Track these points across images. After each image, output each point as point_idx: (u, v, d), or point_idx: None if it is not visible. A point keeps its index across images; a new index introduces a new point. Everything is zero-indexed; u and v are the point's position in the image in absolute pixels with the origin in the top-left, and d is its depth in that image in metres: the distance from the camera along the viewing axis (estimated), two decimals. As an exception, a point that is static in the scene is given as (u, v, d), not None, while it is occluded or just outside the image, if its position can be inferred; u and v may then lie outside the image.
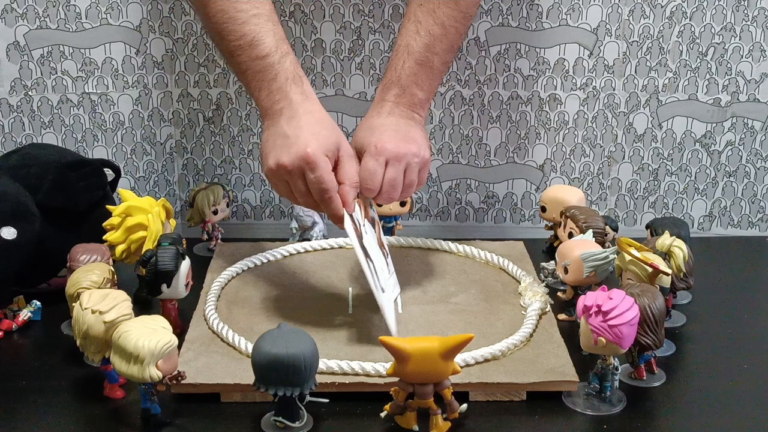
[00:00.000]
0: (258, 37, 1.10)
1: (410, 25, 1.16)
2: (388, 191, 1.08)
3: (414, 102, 1.15)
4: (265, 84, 1.10)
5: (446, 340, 0.89)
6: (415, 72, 1.14)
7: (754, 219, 1.49)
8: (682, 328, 1.16)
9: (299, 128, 1.06)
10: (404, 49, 1.15)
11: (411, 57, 1.14)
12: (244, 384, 0.96)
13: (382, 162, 1.07)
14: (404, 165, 1.08)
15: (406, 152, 1.08)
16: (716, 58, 1.40)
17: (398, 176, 1.08)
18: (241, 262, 1.26)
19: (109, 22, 1.38)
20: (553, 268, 1.20)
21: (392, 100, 1.14)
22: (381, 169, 1.07)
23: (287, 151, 1.04)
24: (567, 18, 1.39)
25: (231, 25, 1.11)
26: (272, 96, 1.09)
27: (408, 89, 1.14)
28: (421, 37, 1.15)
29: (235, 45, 1.10)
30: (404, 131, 1.11)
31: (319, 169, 1.03)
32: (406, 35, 1.16)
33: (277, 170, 1.05)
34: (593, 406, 0.98)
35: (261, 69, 1.10)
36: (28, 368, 1.05)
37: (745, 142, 1.44)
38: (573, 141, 1.46)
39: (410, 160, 1.08)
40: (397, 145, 1.08)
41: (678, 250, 1.09)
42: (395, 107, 1.14)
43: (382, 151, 1.07)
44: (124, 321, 0.92)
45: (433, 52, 1.15)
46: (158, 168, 1.47)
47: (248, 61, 1.10)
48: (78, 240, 1.11)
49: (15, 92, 1.38)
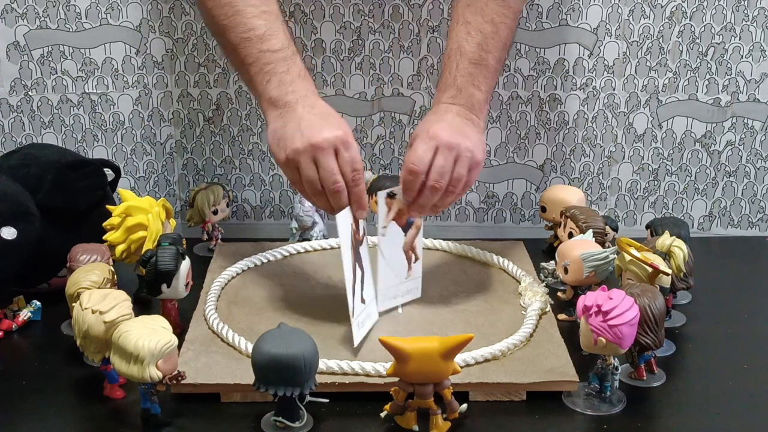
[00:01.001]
0: (269, 32, 1.10)
1: (460, 27, 1.15)
2: (435, 178, 1.05)
3: (472, 103, 1.12)
4: (277, 76, 1.09)
5: (446, 340, 0.89)
6: (470, 72, 1.13)
7: (754, 219, 1.49)
8: (682, 328, 1.16)
9: (325, 113, 1.07)
10: (456, 51, 1.13)
11: (464, 58, 1.13)
12: (244, 384, 0.96)
13: (432, 146, 1.04)
14: (455, 155, 1.05)
15: (458, 143, 1.05)
16: (716, 58, 1.40)
17: (447, 165, 1.05)
18: (241, 262, 1.26)
19: (109, 22, 1.38)
20: (553, 268, 1.21)
21: (449, 101, 1.12)
22: (430, 154, 1.04)
23: (318, 132, 1.02)
24: (567, 18, 1.39)
25: (240, 18, 1.10)
26: (284, 87, 1.08)
27: (465, 90, 1.12)
28: (472, 36, 1.13)
29: (243, 37, 1.10)
30: (460, 127, 1.09)
31: (353, 148, 1.03)
32: (457, 38, 1.14)
33: (308, 149, 1.02)
34: (593, 406, 0.98)
35: (272, 61, 1.09)
36: (28, 368, 1.05)
37: (745, 142, 1.44)
38: (573, 141, 1.46)
39: (462, 152, 1.05)
40: (451, 135, 1.05)
41: (678, 250, 1.09)
42: (452, 107, 1.12)
43: (434, 136, 1.05)
44: (124, 321, 0.92)
45: (487, 51, 1.14)
46: (158, 168, 1.47)
47: (257, 53, 1.09)
48: (78, 240, 1.12)
49: (15, 92, 1.38)
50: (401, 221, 1.12)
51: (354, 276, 1.05)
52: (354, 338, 1.03)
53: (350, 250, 1.05)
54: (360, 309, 1.06)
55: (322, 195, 1.04)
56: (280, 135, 1.06)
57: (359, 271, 1.07)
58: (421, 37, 1.40)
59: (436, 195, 1.06)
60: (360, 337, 1.05)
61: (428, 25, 1.39)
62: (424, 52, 1.40)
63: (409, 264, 1.15)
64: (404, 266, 1.15)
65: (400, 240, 1.13)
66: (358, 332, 1.05)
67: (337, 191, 1.02)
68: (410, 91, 1.43)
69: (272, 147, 1.08)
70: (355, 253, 1.07)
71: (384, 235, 1.10)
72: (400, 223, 1.12)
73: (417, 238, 1.15)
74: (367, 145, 1.45)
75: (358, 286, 1.06)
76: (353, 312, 1.04)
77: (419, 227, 1.15)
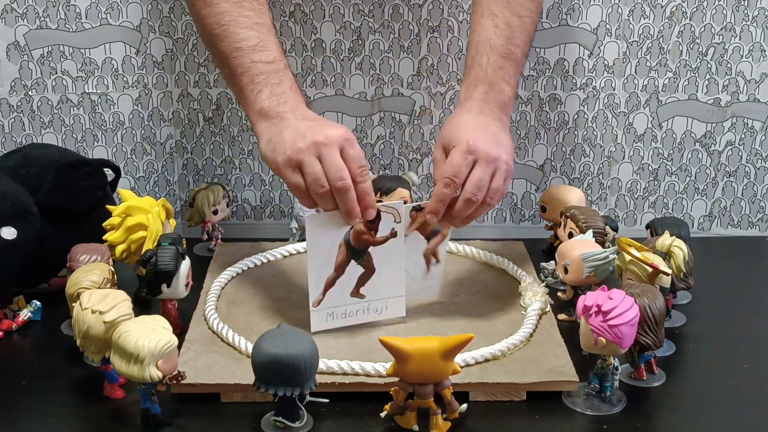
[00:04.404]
0: (262, 43, 1.10)
1: (487, 20, 1.13)
2: (473, 191, 1.02)
3: (503, 100, 1.12)
4: (268, 87, 1.09)
5: (446, 340, 0.89)
6: (501, 66, 1.12)
7: (754, 219, 1.49)
8: (682, 328, 1.16)
9: (320, 119, 1.07)
10: (485, 43, 1.12)
11: (494, 51, 1.12)
12: (244, 384, 0.96)
13: (471, 161, 1.02)
14: (493, 169, 1.03)
15: (497, 156, 1.03)
16: (716, 58, 1.40)
17: (485, 177, 1.02)
18: (241, 262, 1.26)
19: (109, 22, 1.38)
20: (553, 268, 1.21)
21: (481, 98, 1.11)
22: (467, 167, 1.02)
23: (321, 131, 1.00)
24: (567, 18, 1.39)
25: (233, 28, 1.10)
26: (276, 98, 1.08)
27: (496, 85, 1.11)
28: (500, 30, 1.12)
29: (235, 47, 1.10)
30: (495, 134, 1.06)
31: (358, 146, 1.01)
32: (484, 30, 1.13)
33: (312, 147, 0.99)
34: (593, 406, 0.98)
35: (265, 71, 1.09)
36: (28, 368, 1.05)
37: (745, 142, 1.44)
38: (573, 141, 1.46)
39: (500, 165, 1.03)
40: (490, 147, 1.03)
41: (678, 250, 1.09)
42: (485, 105, 1.10)
43: (473, 149, 1.02)
44: (124, 321, 0.92)
45: (515, 44, 1.13)
46: (158, 168, 1.47)
47: (248, 63, 1.09)
48: (78, 240, 1.12)
49: (15, 92, 1.38)
50: (425, 231, 1.10)
51: (339, 274, 1.06)
52: (312, 324, 1.06)
53: (337, 248, 1.05)
54: (342, 301, 1.07)
55: (326, 195, 1.00)
56: (276, 141, 1.04)
57: (358, 269, 1.07)
58: (421, 37, 1.40)
59: (471, 207, 1.04)
60: (320, 326, 1.07)
61: (428, 25, 1.39)
62: (424, 52, 1.40)
63: (428, 266, 1.13)
64: (421, 268, 1.13)
65: (421, 246, 1.11)
66: (318, 321, 1.06)
67: (343, 188, 0.99)
68: (410, 91, 1.43)
69: (267, 154, 1.05)
70: (349, 251, 1.06)
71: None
72: (425, 233, 1.10)
73: (441, 245, 1.13)
74: (367, 145, 1.45)
75: (351, 282, 1.07)
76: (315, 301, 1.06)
77: (445, 236, 1.12)
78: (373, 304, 1.09)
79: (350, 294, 1.08)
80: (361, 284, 1.08)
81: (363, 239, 1.06)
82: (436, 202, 1.04)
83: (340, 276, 1.07)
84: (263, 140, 1.07)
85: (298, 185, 1.02)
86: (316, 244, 1.04)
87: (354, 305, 1.09)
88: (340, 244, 1.05)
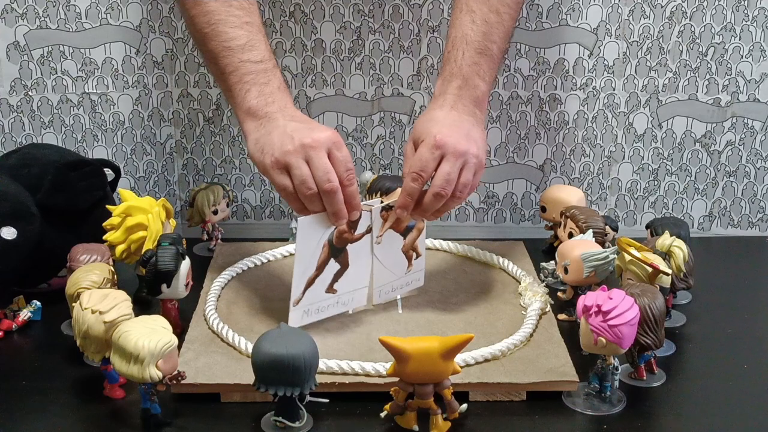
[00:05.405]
0: (251, 43, 1.10)
1: (464, 16, 1.14)
2: (441, 185, 1.03)
3: (476, 95, 1.12)
4: (257, 86, 1.09)
5: (446, 340, 0.89)
6: (475, 61, 1.12)
7: (754, 219, 1.49)
8: (682, 328, 1.16)
9: (308, 120, 1.07)
10: (461, 39, 1.13)
11: (470, 47, 1.12)
12: (244, 384, 0.96)
13: (438, 155, 1.03)
14: (461, 163, 1.04)
15: (465, 150, 1.04)
16: (716, 58, 1.40)
17: (454, 172, 1.04)
18: (241, 262, 1.26)
19: (109, 22, 1.38)
20: (553, 268, 1.20)
21: (455, 92, 1.12)
22: (435, 161, 1.03)
23: (309, 133, 1.01)
24: (567, 18, 1.39)
25: (222, 27, 1.10)
26: (264, 97, 1.08)
27: (470, 80, 1.12)
28: (477, 26, 1.13)
29: (224, 46, 1.10)
30: (467, 129, 1.07)
31: (345, 149, 1.02)
32: (461, 26, 1.14)
33: (300, 150, 1.00)
34: (593, 406, 0.98)
35: (253, 71, 1.09)
36: (28, 368, 1.05)
37: (745, 142, 1.44)
38: (573, 141, 1.46)
39: (468, 159, 1.04)
40: (458, 141, 1.04)
41: (678, 250, 1.09)
42: (458, 101, 1.11)
43: (441, 144, 1.03)
44: (124, 321, 0.92)
45: (491, 41, 1.13)
46: (158, 168, 1.47)
47: (237, 62, 1.09)
48: (78, 240, 1.12)
49: (15, 92, 1.38)
50: (399, 228, 1.12)
51: (320, 273, 1.07)
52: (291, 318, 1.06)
53: (321, 249, 1.05)
54: (317, 298, 1.08)
55: (314, 197, 1.01)
56: (264, 142, 1.04)
57: (336, 266, 1.08)
58: (421, 37, 1.40)
59: (440, 201, 1.05)
60: (300, 321, 1.07)
61: (428, 25, 1.39)
62: (424, 52, 1.40)
63: (409, 261, 1.15)
64: (403, 264, 1.15)
65: (398, 243, 1.13)
66: (295, 318, 1.06)
67: (331, 190, 1.00)
68: (410, 91, 1.43)
69: (255, 155, 1.06)
70: (330, 250, 1.07)
71: (379, 243, 1.10)
72: (399, 230, 1.12)
73: (418, 240, 1.15)
74: (367, 145, 1.45)
75: (328, 279, 1.08)
76: (295, 300, 1.06)
77: (421, 230, 1.14)
78: (341, 297, 1.11)
79: (325, 290, 1.09)
80: (335, 280, 1.09)
81: (344, 238, 1.07)
82: (405, 196, 1.06)
83: (320, 275, 1.07)
84: (251, 140, 1.07)
85: (285, 187, 1.03)
86: (304, 245, 1.05)
87: (326, 300, 1.09)
88: (324, 245, 1.06)
